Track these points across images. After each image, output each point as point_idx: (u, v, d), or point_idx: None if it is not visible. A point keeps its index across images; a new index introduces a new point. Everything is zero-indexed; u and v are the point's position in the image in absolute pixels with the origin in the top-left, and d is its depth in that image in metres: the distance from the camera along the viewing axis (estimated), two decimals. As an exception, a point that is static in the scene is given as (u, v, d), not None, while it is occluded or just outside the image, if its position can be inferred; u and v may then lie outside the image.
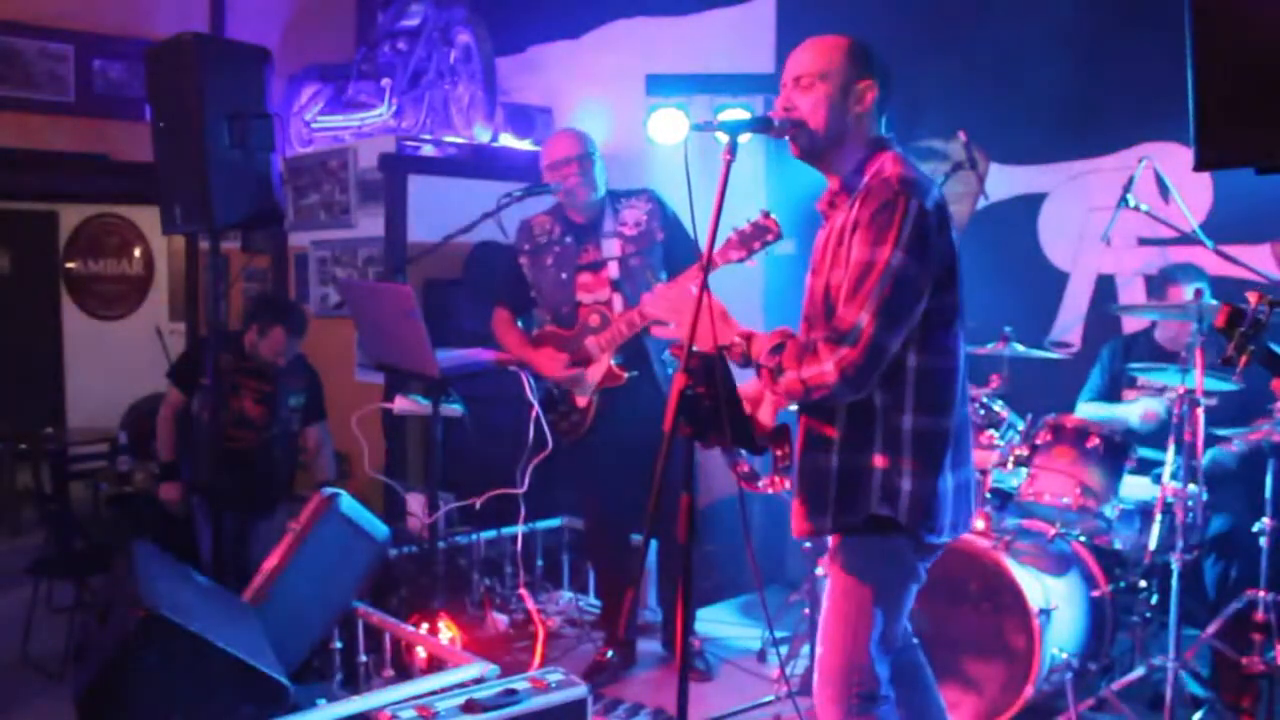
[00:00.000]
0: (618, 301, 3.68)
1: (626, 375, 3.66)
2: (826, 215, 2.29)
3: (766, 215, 2.61)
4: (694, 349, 2.04)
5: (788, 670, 3.63)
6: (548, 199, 3.82)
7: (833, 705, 2.25)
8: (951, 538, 2.24)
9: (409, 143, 5.43)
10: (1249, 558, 3.30)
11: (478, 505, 3.83)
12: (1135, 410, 3.74)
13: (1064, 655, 3.22)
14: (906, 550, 2.22)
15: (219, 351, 3.72)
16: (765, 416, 2.32)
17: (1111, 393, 3.93)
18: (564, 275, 3.75)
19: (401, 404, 3.83)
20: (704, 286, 2.08)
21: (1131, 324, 4.10)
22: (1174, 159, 3.81)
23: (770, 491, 2.27)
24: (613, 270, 3.69)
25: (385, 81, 5.72)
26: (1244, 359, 1.97)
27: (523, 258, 3.84)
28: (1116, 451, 3.42)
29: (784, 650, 3.88)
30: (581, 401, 3.74)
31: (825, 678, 2.26)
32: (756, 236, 2.61)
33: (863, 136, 2.24)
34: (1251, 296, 1.97)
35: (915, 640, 2.50)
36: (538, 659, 3.89)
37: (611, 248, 3.70)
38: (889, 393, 2.14)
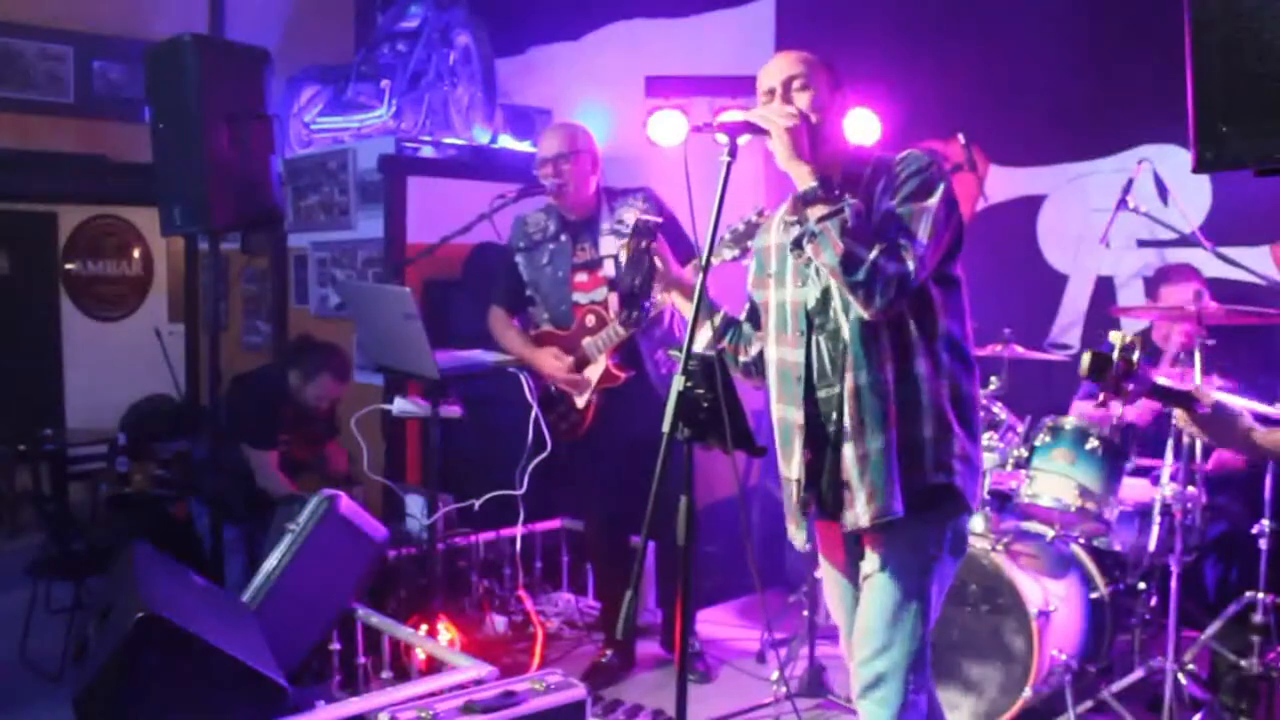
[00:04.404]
0: (613, 300, 3.67)
1: (624, 375, 3.66)
2: (791, 224, 2.30)
3: (761, 214, 2.61)
4: (692, 350, 2.04)
5: (787, 672, 3.63)
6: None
7: (881, 707, 2.23)
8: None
9: (408, 144, 5.42)
10: (1250, 560, 3.30)
11: (477, 506, 3.82)
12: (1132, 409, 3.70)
13: (1063, 657, 3.23)
14: (948, 524, 2.24)
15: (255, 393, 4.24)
16: None
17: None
18: (560, 274, 3.75)
19: (401, 405, 3.82)
20: (702, 290, 2.08)
21: (1130, 326, 4.10)
22: (1173, 161, 3.82)
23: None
24: (608, 269, 3.69)
25: (384, 83, 5.70)
26: (1121, 400, 1.99)
27: (518, 255, 3.84)
28: (1115, 453, 3.42)
29: (783, 652, 3.88)
30: (579, 402, 3.74)
31: (875, 678, 2.23)
32: (749, 234, 2.61)
33: (843, 143, 2.33)
34: (1114, 337, 2.00)
35: None
36: (537, 661, 3.90)
37: (606, 246, 3.69)
38: (930, 360, 2.19)
